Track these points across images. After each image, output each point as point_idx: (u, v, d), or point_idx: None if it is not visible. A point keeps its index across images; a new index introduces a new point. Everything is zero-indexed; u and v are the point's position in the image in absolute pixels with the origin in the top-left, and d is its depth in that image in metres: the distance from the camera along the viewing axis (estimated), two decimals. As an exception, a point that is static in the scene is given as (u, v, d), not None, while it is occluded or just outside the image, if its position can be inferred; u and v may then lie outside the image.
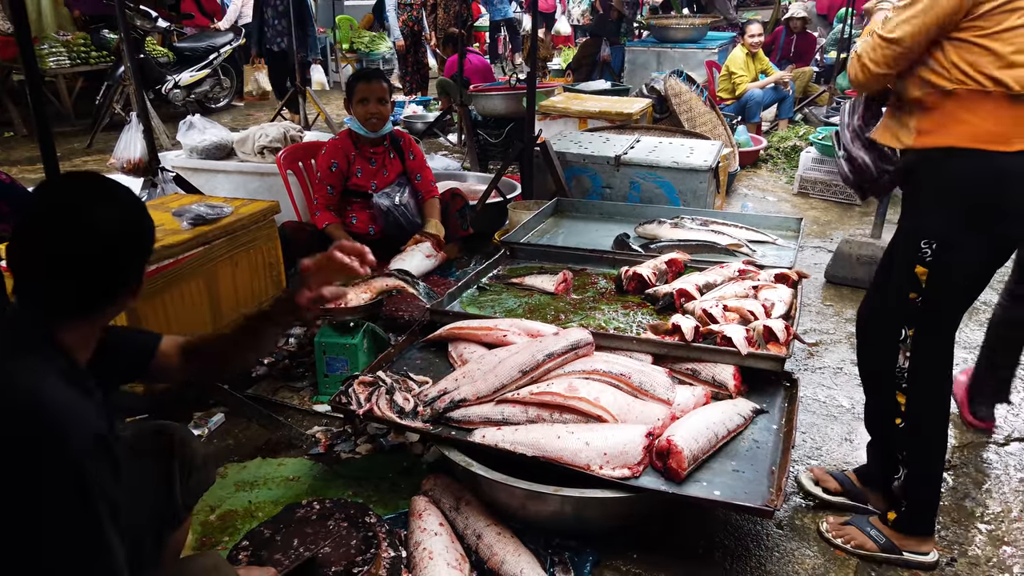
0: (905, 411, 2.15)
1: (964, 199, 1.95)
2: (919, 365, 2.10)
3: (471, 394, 2.28)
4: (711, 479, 2.11)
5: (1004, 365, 2.91)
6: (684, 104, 5.84)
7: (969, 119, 1.91)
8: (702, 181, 4.20)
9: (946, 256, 1.98)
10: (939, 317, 2.07)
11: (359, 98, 3.65)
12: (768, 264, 3.20)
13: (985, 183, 1.92)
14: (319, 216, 3.70)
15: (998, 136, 1.88)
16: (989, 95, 1.88)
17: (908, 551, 2.21)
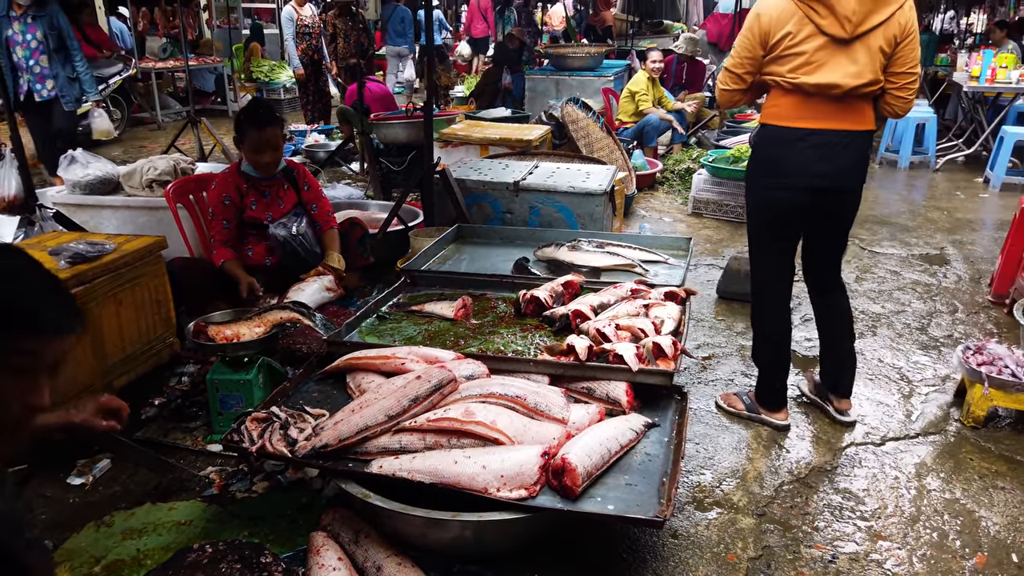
0: (752, 311, 3.09)
1: (759, 156, 2.92)
2: (754, 275, 3.06)
3: (333, 439, 2.23)
4: (605, 494, 2.16)
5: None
6: (581, 130, 6.01)
7: (772, 105, 2.86)
8: (598, 204, 4.33)
9: (750, 194, 2.97)
10: (758, 241, 3.00)
11: (252, 146, 3.58)
12: (659, 283, 3.32)
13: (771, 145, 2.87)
14: (216, 253, 3.60)
15: (782, 115, 2.81)
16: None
17: (765, 416, 3.12)
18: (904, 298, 4.60)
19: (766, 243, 2.98)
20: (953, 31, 14.82)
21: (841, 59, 2.67)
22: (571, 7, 17.04)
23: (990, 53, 8.28)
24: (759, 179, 2.89)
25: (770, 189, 2.86)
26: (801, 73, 2.70)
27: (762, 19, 2.73)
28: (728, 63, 2.86)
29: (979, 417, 3.13)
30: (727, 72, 2.86)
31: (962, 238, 5.85)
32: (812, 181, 2.79)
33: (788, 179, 2.82)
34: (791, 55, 2.70)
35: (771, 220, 2.93)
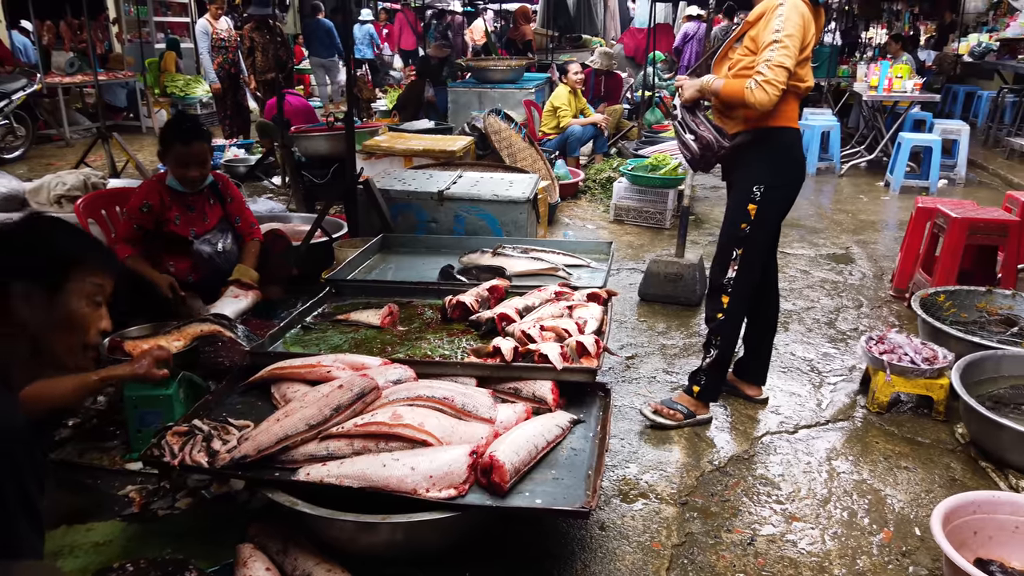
0: (726, 308, 3.06)
1: (780, 159, 2.94)
2: (741, 276, 3.00)
3: (252, 449, 2.20)
4: (533, 489, 2.20)
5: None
6: (504, 140, 6.10)
7: (783, 109, 2.89)
8: (522, 212, 4.41)
9: (769, 194, 2.92)
10: (759, 240, 3.00)
11: (178, 161, 3.49)
12: (582, 285, 3.41)
13: (793, 146, 2.98)
14: (116, 248, 3.41)
15: (792, 118, 2.93)
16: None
17: (700, 415, 3.19)
18: (813, 295, 4.84)
19: (765, 244, 3.06)
20: (855, 43, 15.65)
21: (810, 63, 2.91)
22: (491, 22, 17.27)
23: (887, 64, 8.81)
24: (779, 182, 2.94)
25: (786, 189, 2.99)
26: (809, 78, 2.90)
27: (805, 19, 2.75)
28: (787, 62, 2.69)
29: (883, 403, 3.32)
30: (785, 70, 2.70)
31: (866, 238, 6.19)
32: (802, 176, 3.11)
33: (798, 177, 3.05)
34: (807, 58, 2.84)
35: (778, 220, 3.07)
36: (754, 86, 2.71)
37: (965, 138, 8.19)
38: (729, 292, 3.05)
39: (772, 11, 2.75)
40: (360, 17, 14.72)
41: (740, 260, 3.00)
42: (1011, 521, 2.37)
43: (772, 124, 2.90)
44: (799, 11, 2.72)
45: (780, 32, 2.69)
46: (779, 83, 2.69)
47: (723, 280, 3.06)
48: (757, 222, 2.96)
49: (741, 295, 3.05)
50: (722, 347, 3.11)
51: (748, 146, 2.95)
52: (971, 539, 2.36)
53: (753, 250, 3.00)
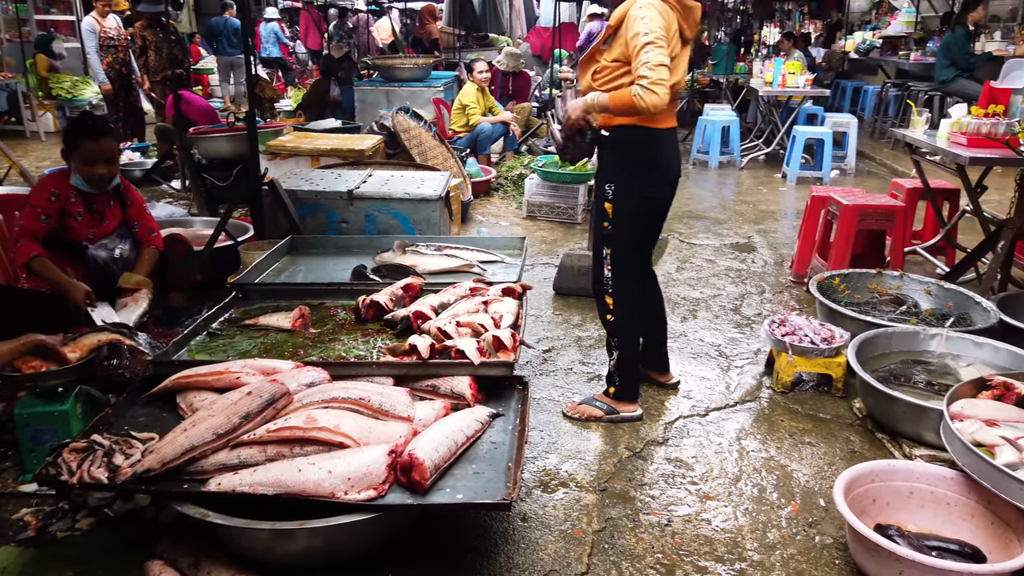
0: (613, 309, 3.08)
1: (631, 158, 2.92)
2: (616, 275, 3.03)
3: (156, 463, 2.11)
4: (454, 484, 2.20)
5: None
6: (414, 139, 6.05)
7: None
8: (434, 210, 4.38)
9: (622, 193, 2.93)
10: (624, 239, 2.99)
11: (85, 159, 3.30)
12: (497, 280, 3.42)
13: (648, 145, 2.92)
14: (22, 245, 3.21)
15: (653, 117, 2.82)
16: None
17: (623, 412, 3.18)
18: (719, 283, 5.02)
19: (632, 241, 3.05)
20: (751, 41, 16.29)
21: (684, 60, 2.91)
22: (397, 20, 17.09)
23: (780, 61, 9.21)
24: (635, 182, 2.93)
25: (648, 190, 2.96)
26: (675, 76, 2.82)
27: (664, 18, 2.73)
28: (665, 59, 2.68)
29: (786, 382, 3.48)
30: (665, 67, 2.68)
31: (766, 227, 6.45)
32: (675, 176, 3.08)
33: (664, 177, 3.00)
34: (671, 58, 2.78)
35: (645, 219, 3.04)
36: (641, 91, 2.67)
37: (853, 130, 8.67)
38: (610, 292, 3.07)
39: (631, 15, 2.73)
40: (265, 15, 14.34)
41: (611, 259, 3.02)
42: (906, 487, 2.53)
43: (624, 123, 2.88)
44: (656, 9, 2.71)
45: (649, 34, 2.66)
46: (665, 82, 2.67)
47: (602, 281, 3.09)
48: (616, 221, 2.97)
49: (622, 294, 3.07)
50: (622, 346, 3.12)
51: (603, 144, 2.99)
52: (871, 506, 2.50)
53: (620, 249, 3.01)
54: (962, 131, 4.33)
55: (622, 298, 3.07)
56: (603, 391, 3.26)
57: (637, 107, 2.70)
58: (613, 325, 3.12)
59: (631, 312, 3.11)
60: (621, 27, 2.78)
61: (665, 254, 5.66)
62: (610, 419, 3.18)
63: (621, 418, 3.19)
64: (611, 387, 3.21)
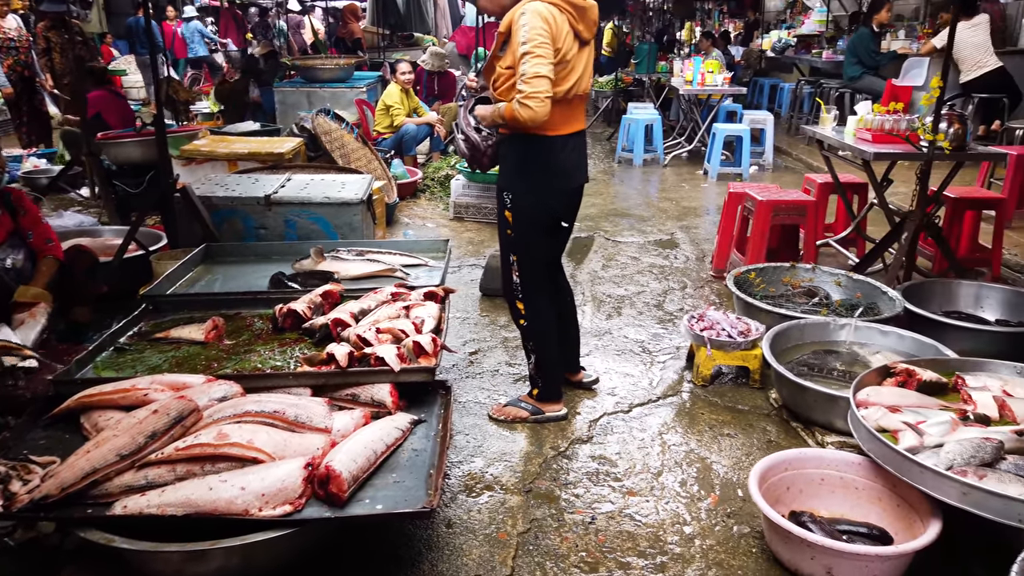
0: (526, 314, 3.09)
1: (527, 166, 2.88)
2: (525, 280, 3.03)
3: (55, 488, 2.01)
4: (374, 495, 2.17)
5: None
6: (336, 141, 5.95)
7: None
8: (355, 214, 4.32)
9: (520, 201, 2.91)
10: (529, 245, 2.99)
11: None
12: (419, 284, 3.39)
13: (542, 153, 2.86)
14: None
15: (548, 124, 2.76)
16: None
17: (548, 412, 3.20)
18: (643, 280, 5.10)
19: (538, 246, 3.03)
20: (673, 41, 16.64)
21: (583, 62, 2.86)
22: (321, 20, 16.79)
23: (699, 60, 9.43)
24: (531, 189, 2.89)
25: (545, 197, 2.92)
26: (570, 81, 2.78)
27: (550, 23, 2.66)
28: (543, 71, 2.63)
29: (706, 376, 3.56)
30: (547, 80, 2.64)
31: (688, 223, 6.60)
32: (578, 180, 3.04)
33: (563, 183, 2.95)
34: (563, 63, 2.75)
35: (548, 225, 3.00)
36: (518, 106, 2.65)
37: (770, 127, 8.94)
38: (521, 297, 3.07)
39: (516, 22, 2.68)
40: (185, 14, 13.89)
41: (518, 266, 3.02)
42: (817, 474, 2.61)
43: (520, 131, 2.82)
44: (541, 16, 2.64)
45: (528, 43, 2.62)
46: (540, 94, 2.62)
47: (512, 287, 3.08)
48: (517, 228, 2.95)
49: (533, 299, 3.06)
50: (539, 350, 3.13)
51: (501, 152, 2.98)
52: (785, 494, 2.58)
53: (526, 255, 3.00)
54: (867, 127, 4.52)
55: (533, 303, 3.07)
56: (527, 392, 3.27)
57: (519, 121, 2.68)
58: (527, 329, 3.13)
59: (543, 315, 3.11)
60: (509, 33, 2.73)
61: (591, 252, 5.72)
62: (536, 419, 3.19)
63: (546, 418, 3.20)
64: (534, 389, 3.22)
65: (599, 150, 10.28)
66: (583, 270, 5.30)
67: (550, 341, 3.17)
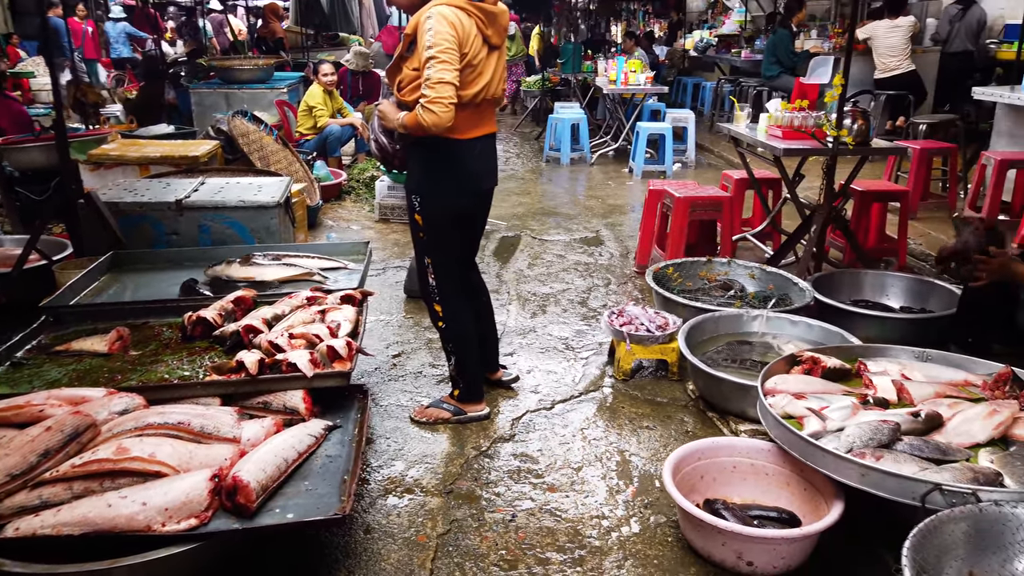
0: (443, 316, 3.08)
1: (434, 169, 2.87)
2: (441, 282, 3.02)
3: None
4: (285, 504, 2.13)
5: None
6: (254, 143, 5.81)
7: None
8: (272, 217, 4.22)
9: (428, 204, 2.91)
10: (441, 247, 2.99)
11: None
12: (337, 288, 3.34)
13: (449, 156, 2.86)
14: None
15: (454, 128, 2.75)
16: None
17: (471, 412, 3.20)
18: (568, 277, 5.15)
19: (451, 249, 3.04)
20: (602, 41, 16.87)
21: (492, 67, 2.86)
22: (244, 19, 16.37)
23: (622, 60, 9.58)
24: (439, 192, 2.90)
25: (453, 198, 2.92)
26: (478, 85, 2.77)
27: (456, 27, 2.65)
28: (447, 76, 2.62)
29: (627, 370, 3.62)
30: (451, 86, 2.64)
31: (614, 221, 6.69)
32: (487, 183, 3.06)
33: (469, 187, 2.95)
34: (471, 67, 2.74)
35: (456, 229, 3.02)
36: (421, 111, 2.64)
37: (691, 125, 9.15)
38: (438, 300, 3.06)
39: (422, 24, 2.66)
40: (112, 15, 13.34)
41: (433, 268, 3.01)
42: (729, 462, 2.68)
43: (433, 134, 2.79)
44: (447, 20, 2.63)
45: (434, 47, 2.61)
46: (444, 99, 2.62)
47: (428, 290, 3.07)
48: (428, 231, 2.96)
49: (450, 300, 3.06)
50: (458, 351, 3.14)
51: (409, 155, 2.95)
52: (699, 483, 2.64)
53: (439, 257, 3.00)
54: (777, 124, 4.67)
55: (450, 304, 3.07)
56: (449, 393, 3.26)
57: (422, 126, 2.67)
58: (446, 331, 3.13)
59: (461, 317, 3.11)
60: (416, 36, 2.71)
61: (517, 251, 5.75)
62: (458, 420, 3.19)
63: (469, 418, 3.20)
64: (455, 390, 3.21)
65: (527, 149, 10.34)
66: (509, 269, 5.31)
67: (469, 342, 3.16)
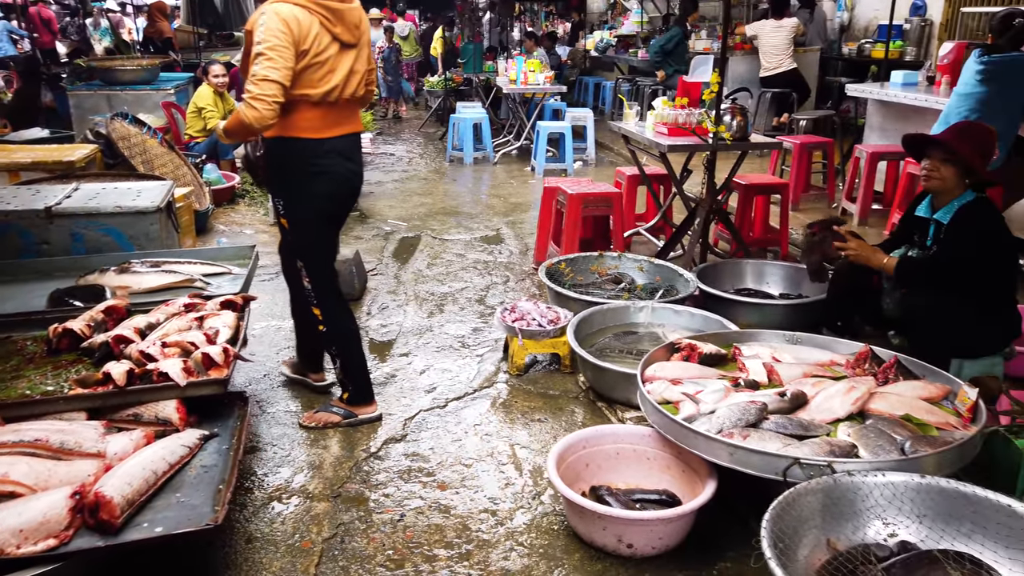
0: (322, 319, 3.04)
1: (295, 171, 2.86)
2: (316, 284, 2.99)
3: None
4: (154, 517, 2.06)
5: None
6: (136, 147, 5.57)
7: (295, 120, 2.79)
8: (153, 223, 4.05)
9: (291, 207, 2.90)
10: (313, 249, 2.97)
11: None
12: (219, 293, 3.24)
13: (304, 156, 2.83)
14: None
15: (311, 127, 2.80)
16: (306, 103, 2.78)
17: (362, 414, 3.16)
18: (467, 276, 5.17)
19: (321, 249, 3.03)
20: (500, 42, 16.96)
21: (346, 65, 2.83)
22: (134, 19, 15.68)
23: (521, 60, 9.67)
24: (298, 194, 2.88)
25: (316, 199, 2.89)
26: (329, 83, 2.76)
27: (291, 24, 2.62)
28: (272, 74, 2.58)
29: (520, 365, 3.66)
30: (276, 84, 2.59)
31: (515, 219, 6.75)
32: (353, 182, 3.03)
33: (330, 188, 2.90)
34: (318, 63, 2.72)
35: (324, 230, 3.00)
36: (244, 107, 2.62)
37: (590, 123, 9.33)
38: (316, 303, 3.02)
39: (256, 21, 2.67)
40: None
41: (306, 271, 2.98)
42: (613, 449, 2.76)
43: (284, 135, 2.80)
44: (280, 17, 2.61)
45: (261, 44, 2.59)
46: (267, 96, 2.58)
47: (304, 293, 3.04)
48: (296, 234, 2.95)
49: (327, 302, 3.03)
50: (342, 353, 3.10)
51: (268, 160, 2.93)
52: (584, 471, 2.70)
53: (311, 259, 2.98)
54: (663, 121, 4.82)
55: (328, 306, 3.03)
56: (339, 396, 3.21)
57: (245, 122, 2.62)
58: (327, 334, 3.09)
59: (340, 317, 3.08)
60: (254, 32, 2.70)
61: (417, 251, 5.73)
62: (349, 423, 3.15)
63: (360, 421, 3.16)
64: (345, 392, 3.17)
65: (431, 150, 10.31)
66: (408, 270, 5.29)
67: (352, 342, 3.13)
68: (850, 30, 10.30)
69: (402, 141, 11.07)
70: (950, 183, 3.12)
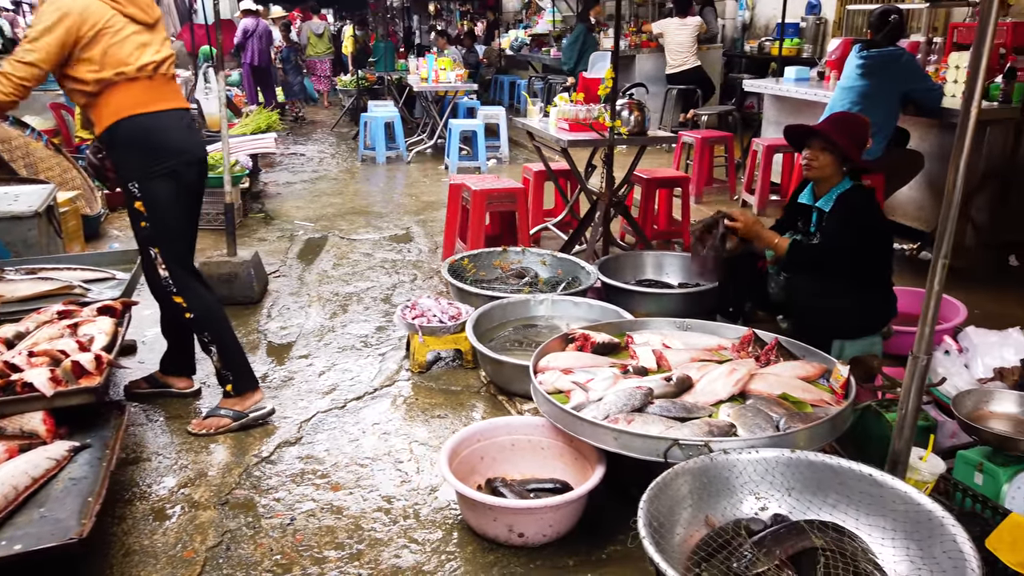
0: (187, 305, 2.97)
1: (139, 149, 2.82)
2: (174, 272, 2.93)
3: None
4: (14, 534, 1.97)
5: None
6: (18, 150, 5.28)
7: (113, 101, 2.78)
8: (31, 228, 3.87)
9: (145, 185, 2.83)
10: (169, 233, 2.91)
11: None
12: (98, 299, 3.10)
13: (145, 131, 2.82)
14: None
15: (143, 102, 2.81)
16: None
17: (250, 410, 3.08)
18: (374, 275, 5.10)
19: (176, 232, 2.96)
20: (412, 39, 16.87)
21: (154, 42, 2.87)
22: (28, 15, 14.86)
23: (432, 58, 9.63)
24: (151, 171, 2.82)
25: (165, 176, 2.85)
26: (140, 57, 2.78)
27: (71, 9, 2.64)
28: (29, 56, 2.60)
29: (422, 362, 3.64)
30: (26, 64, 2.60)
31: (426, 217, 6.71)
32: (196, 151, 3.00)
33: (182, 157, 2.89)
34: (119, 42, 2.73)
35: (183, 204, 2.95)
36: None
37: (503, 121, 9.37)
38: (176, 291, 2.96)
39: (39, 5, 2.72)
40: None
41: (162, 258, 2.92)
42: (508, 440, 2.77)
43: (117, 119, 2.79)
44: (56, 4, 2.64)
45: (33, 27, 2.65)
46: (16, 77, 2.60)
47: (162, 284, 2.97)
48: (152, 216, 2.89)
49: (188, 287, 2.98)
50: (215, 337, 3.03)
51: (112, 151, 2.89)
52: (480, 464, 2.70)
53: (168, 244, 2.93)
54: (564, 117, 4.87)
55: (190, 291, 2.98)
56: (223, 396, 3.11)
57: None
58: (195, 321, 3.01)
59: (205, 300, 3.03)
60: None
61: (323, 252, 5.63)
62: (241, 424, 3.06)
63: (251, 419, 3.08)
64: (227, 386, 3.07)
65: (343, 149, 10.16)
66: (312, 271, 5.19)
67: (223, 324, 3.07)
68: (752, 28, 10.66)
69: (313, 141, 10.86)
70: (828, 171, 3.26)
